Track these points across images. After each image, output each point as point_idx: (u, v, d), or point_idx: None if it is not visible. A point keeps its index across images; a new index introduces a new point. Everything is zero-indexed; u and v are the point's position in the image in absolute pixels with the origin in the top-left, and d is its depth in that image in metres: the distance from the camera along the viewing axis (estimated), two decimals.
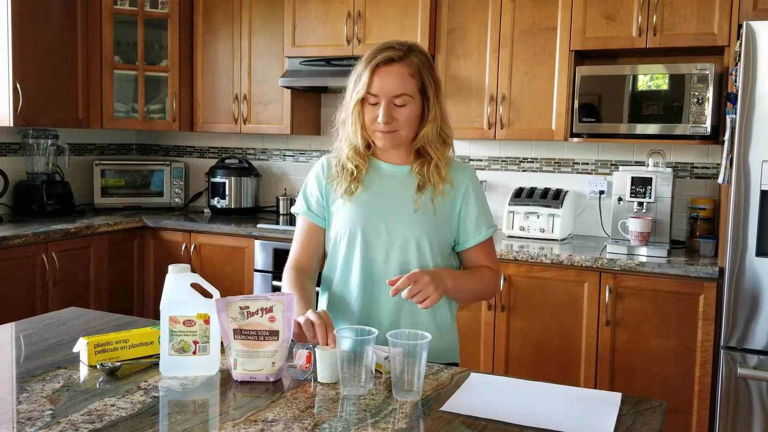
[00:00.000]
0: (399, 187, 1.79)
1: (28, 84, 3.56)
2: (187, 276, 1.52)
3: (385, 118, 1.69)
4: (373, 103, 1.71)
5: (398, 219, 1.76)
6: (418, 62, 1.71)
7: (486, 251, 1.85)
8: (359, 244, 1.77)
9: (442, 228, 1.79)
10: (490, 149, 3.83)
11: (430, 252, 1.77)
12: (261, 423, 1.27)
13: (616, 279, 2.96)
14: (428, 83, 1.72)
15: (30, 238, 3.26)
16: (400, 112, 1.71)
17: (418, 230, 1.76)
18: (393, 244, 1.76)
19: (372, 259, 1.77)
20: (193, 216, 4.16)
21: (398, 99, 1.70)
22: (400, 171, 1.81)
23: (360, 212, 1.77)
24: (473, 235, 1.82)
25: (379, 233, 1.76)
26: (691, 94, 3.01)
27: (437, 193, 1.76)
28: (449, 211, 1.80)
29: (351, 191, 1.78)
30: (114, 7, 3.96)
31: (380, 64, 1.69)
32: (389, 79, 1.69)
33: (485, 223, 1.84)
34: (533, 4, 3.33)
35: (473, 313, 3.21)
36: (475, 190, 1.83)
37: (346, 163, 1.78)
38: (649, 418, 1.36)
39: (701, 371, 2.86)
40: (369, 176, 1.80)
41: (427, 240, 1.76)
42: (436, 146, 1.76)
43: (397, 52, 1.70)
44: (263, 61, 3.99)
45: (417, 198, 1.76)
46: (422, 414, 1.35)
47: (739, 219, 2.68)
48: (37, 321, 1.94)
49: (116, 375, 1.50)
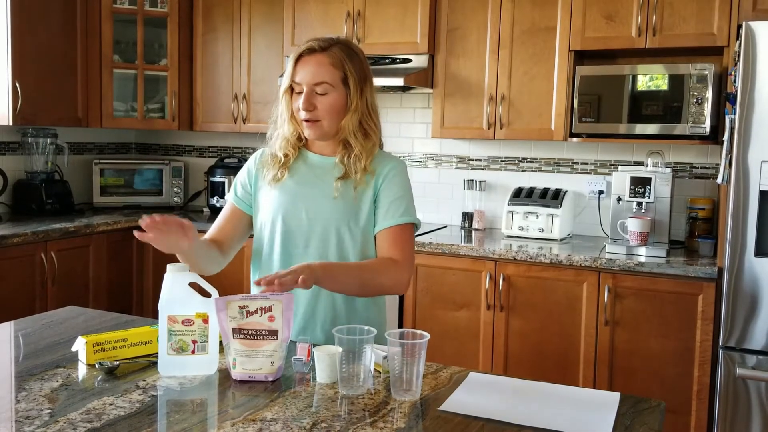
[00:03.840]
0: (322, 176, 1.82)
1: (28, 83, 3.55)
2: (186, 275, 1.52)
3: (305, 105, 1.75)
4: (298, 92, 1.77)
5: (318, 206, 1.80)
6: (340, 53, 1.77)
7: (394, 238, 1.78)
8: (279, 232, 1.81)
9: (363, 215, 1.80)
10: (490, 149, 3.83)
11: (351, 240, 1.79)
12: (259, 422, 1.27)
13: (615, 279, 2.96)
14: (350, 74, 1.77)
15: (29, 237, 3.26)
16: (321, 100, 1.76)
17: (338, 217, 1.78)
18: (313, 231, 1.79)
19: (293, 246, 1.80)
20: (192, 215, 4.16)
21: (319, 87, 1.75)
22: (326, 161, 1.85)
23: (282, 199, 1.82)
24: (383, 218, 1.79)
25: (299, 220, 1.80)
26: (690, 95, 3.01)
27: (359, 183, 1.79)
28: (370, 197, 1.81)
29: (277, 178, 1.83)
30: (113, 6, 3.96)
31: (303, 54, 1.77)
32: (310, 67, 1.75)
33: (400, 210, 1.79)
34: (533, 4, 3.33)
35: (472, 313, 3.21)
36: (395, 179, 1.81)
37: (277, 151, 1.85)
38: (647, 418, 1.36)
39: (700, 371, 2.86)
40: (296, 165, 1.85)
41: (347, 227, 1.79)
42: (357, 137, 1.80)
43: (320, 43, 1.77)
44: (263, 61, 3.99)
45: (337, 185, 1.79)
46: (421, 413, 1.35)
47: (738, 219, 2.68)
48: (35, 320, 1.94)
49: (114, 374, 1.50)
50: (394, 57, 3.54)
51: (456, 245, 3.24)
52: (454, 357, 3.18)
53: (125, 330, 1.65)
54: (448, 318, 3.26)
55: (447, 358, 2.88)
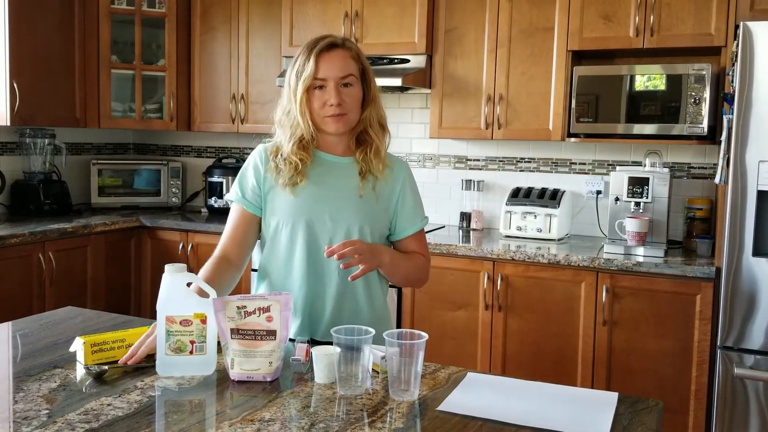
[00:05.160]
0: (342, 177, 1.82)
1: (25, 83, 3.55)
2: (184, 276, 1.52)
3: (336, 99, 1.74)
4: (320, 88, 1.75)
5: (342, 207, 1.80)
6: (355, 48, 1.80)
7: (419, 241, 1.91)
8: (303, 235, 1.79)
9: (382, 216, 1.84)
10: (488, 149, 3.83)
11: (371, 238, 1.81)
12: (258, 423, 1.27)
13: (613, 279, 2.97)
14: (367, 67, 1.80)
15: (27, 238, 3.25)
16: (348, 93, 1.76)
17: (362, 216, 1.80)
18: (337, 232, 1.79)
19: (316, 249, 1.79)
20: (190, 215, 4.15)
21: (345, 80, 1.75)
22: (343, 162, 1.84)
23: (304, 204, 1.80)
24: (410, 226, 1.88)
25: (324, 223, 1.79)
26: (688, 95, 3.01)
27: (379, 180, 1.81)
28: (387, 202, 1.84)
29: (295, 182, 1.78)
30: (111, 7, 3.95)
31: (323, 50, 1.75)
32: (335, 61, 1.75)
33: (419, 215, 1.90)
34: (531, 5, 3.33)
35: (470, 313, 3.21)
36: (410, 183, 1.89)
37: (290, 157, 1.78)
38: (645, 417, 1.36)
39: (698, 371, 2.87)
40: (313, 169, 1.82)
41: (369, 227, 1.81)
42: (376, 130, 1.81)
43: (336, 39, 1.78)
44: (261, 61, 3.99)
45: (362, 185, 1.80)
46: (419, 414, 1.35)
47: (735, 219, 2.68)
48: (33, 320, 1.93)
49: (103, 379, 1.48)
50: (392, 57, 3.55)
51: (454, 245, 3.24)
52: (452, 357, 3.18)
53: (123, 330, 1.65)
54: (446, 318, 3.26)
55: (445, 358, 2.88)
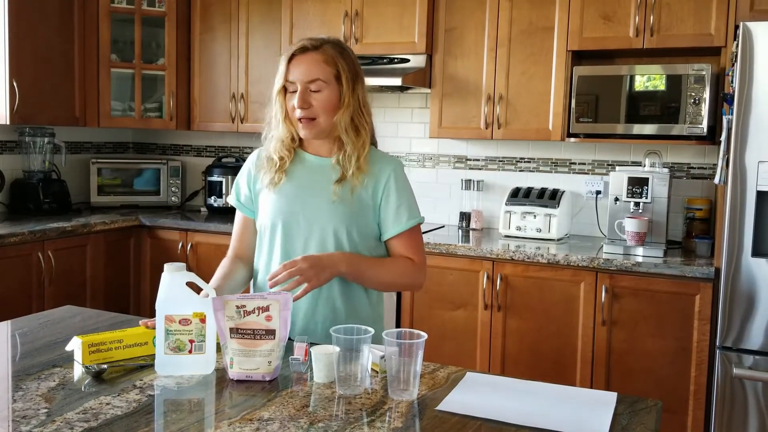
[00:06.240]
0: (320, 179, 1.83)
1: (25, 82, 3.55)
2: (183, 275, 1.52)
3: (300, 102, 1.76)
4: (292, 91, 1.78)
5: (316, 209, 1.81)
6: (332, 51, 1.79)
7: (407, 242, 1.86)
8: (279, 236, 1.83)
9: (362, 218, 1.82)
10: (487, 149, 3.83)
11: (348, 242, 1.80)
12: (257, 422, 1.27)
13: (613, 279, 2.97)
14: (342, 70, 1.78)
15: (26, 237, 3.25)
16: (316, 97, 1.77)
17: (336, 220, 1.80)
18: (311, 235, 1.80)
19: (292, 250, 1.81)
20: (189, 215, 4.15)
21: (313, 84, 1.76)
22: (324, 163, 1.85)
23: (281, 203, 1.83)
24: (392, 226, 1.84)
25: (298, 224, 1.81)
26: (687, 95, 3.01)
27: (356, 184, 1.80)
28: (369, 202, 1.82)
29: (275, 182, 1.83)
30: (111, 6, 3.95)
31: (295, 53, 1.78)
32: (303, 65, 1.77)
33: (406, 215, 1.84)
34: (530, 4, 3.33)
35: (470, 313, 3.21)
36: (397, 182, 1.84)
37: (272, 154, 1.85)
38: (644, 417, 1.36)
39: (697, 371, 2.87)
40: (293, 167, 1.85)
41: (345, 230, 1.80)
42: (349, 134, 1.80)
43: (311, 42, 1.79)
44: (261, 60, 3.98)
45: (335, 189, 1.80)
46: (418, 413, 1.35)
47: (735, 219, 2.68)
48: (32, 319, 1.93)
49: (102, 378, 1.49)
50: (392, 57, 3.54)
51: (453, 245, 3.24)
52: (451, 357, 3.18)
53: (121, 330, 1.64)
54: (445, 318, 3.26)
55: (444, 357, 2.88)
